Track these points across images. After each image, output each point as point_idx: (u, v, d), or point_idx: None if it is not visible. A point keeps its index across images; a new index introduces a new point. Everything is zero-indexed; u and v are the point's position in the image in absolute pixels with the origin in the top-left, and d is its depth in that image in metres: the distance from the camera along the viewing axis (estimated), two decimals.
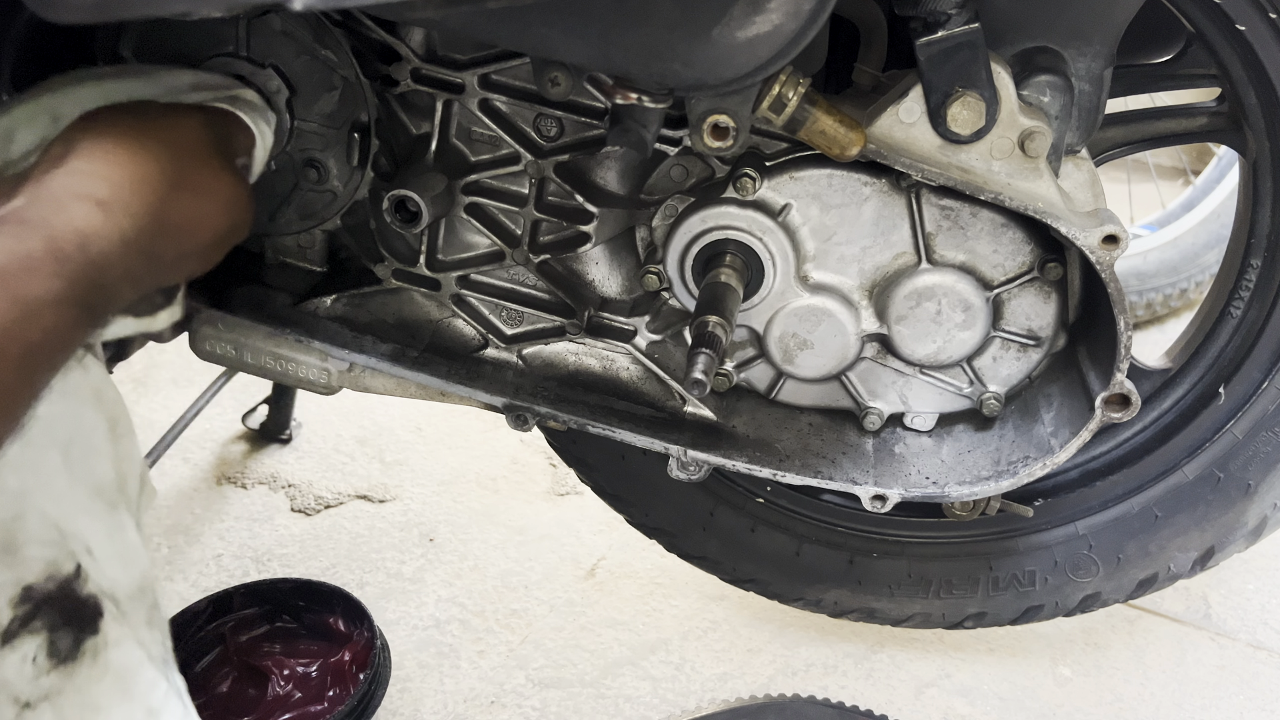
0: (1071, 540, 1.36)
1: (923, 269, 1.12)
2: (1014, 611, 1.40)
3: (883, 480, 1.18)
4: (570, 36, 0.89)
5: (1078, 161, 1.09)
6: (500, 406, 1.19)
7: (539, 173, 1.12)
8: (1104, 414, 1.10)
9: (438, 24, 1.01)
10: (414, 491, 1.86)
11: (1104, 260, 1.03)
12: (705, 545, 1.43)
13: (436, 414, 2.04)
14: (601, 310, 1.20)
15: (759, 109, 0.99)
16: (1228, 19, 1.06)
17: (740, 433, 1.20)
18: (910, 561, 1.40)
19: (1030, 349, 1.17)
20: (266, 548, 1.72)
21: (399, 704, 1.46)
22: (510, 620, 1.59)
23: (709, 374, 0.99)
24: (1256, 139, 1.17)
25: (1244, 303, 1.24)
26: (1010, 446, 1.18)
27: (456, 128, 1.13)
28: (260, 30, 1.11)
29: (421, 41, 1.09)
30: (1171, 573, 1.35)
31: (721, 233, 1.10)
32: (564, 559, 1.71)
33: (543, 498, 1.86)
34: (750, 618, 1.60)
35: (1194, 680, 1.51)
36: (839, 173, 1.08)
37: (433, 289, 1.19)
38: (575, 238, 1.14)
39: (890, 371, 1.20)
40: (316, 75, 1.12)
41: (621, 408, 1.21)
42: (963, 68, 0.98)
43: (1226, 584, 1.68)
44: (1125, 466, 1.33)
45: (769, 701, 1.34)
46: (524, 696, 1.47)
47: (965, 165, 1.03)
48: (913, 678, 1.51)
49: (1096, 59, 1.05)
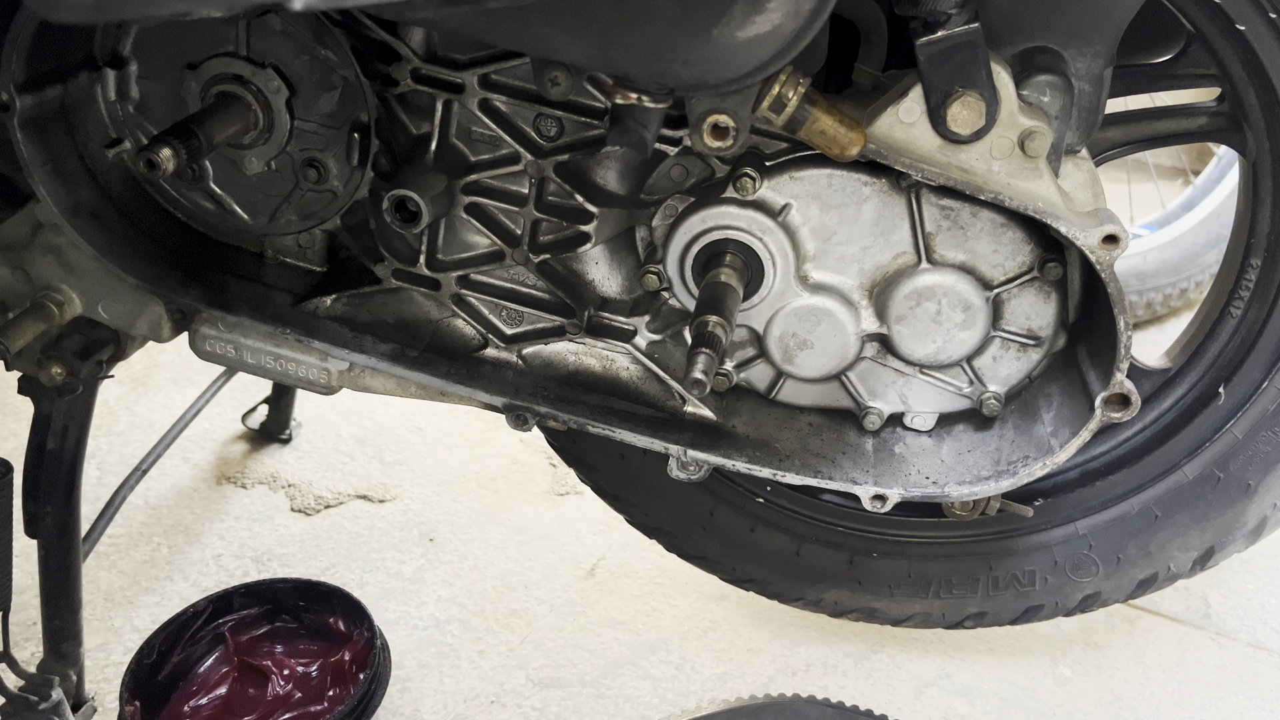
0: (1071, 540, 1.36)
1: (923, 269, 1.12)
2: (1014, 611, 1.40)
3: (883, 480, 1.18)
4: (570, 36, 0.89)
5: (1078, 161, 1.09)
6: (500, 406, 1.20)
7: (539, 173, 1.12)
8: (1104, 414, 1.10)
9: (438, 24, 1.01)
10: (414, 491, 1.86)
11: (1104, 260, 1.03)
12: (705, 545, 1.43)
13: (436, 414, 2.04)
14: (601, 310, 1.20)
15: (759, 109, 0.99)
16: (1228, 19, 1.06)
17: (740, 433, 1.20)
18: (910, 561, 1.40)
19: (1030, 349, 1.17)
20: (266, 548, 1.72)
21: (399, 704, 1.46)
22: (510, 620, 1.59)
23: (709, 374, 0.99)
24: (1256, 139, 1.17)
25: (1244, 303, 1.24)
26: (1010, 446, 1.18)
27: (456, 128, 1.13)
28: (260, 30, 1.11)
29: (421, 41, 1.09)
30: (1171, 573, 1.35)
31: (721, 232, 1.10)
32: (564, 559, 1.71)
33: (543, 498, 1.86)
34: (750, 618, 1.60)
35: (1194, 680, 1.52)
36: (839, 173, 1.08)
37: (433, 289, 1.19)
38: (575, 238, 1.14)
39: (890, 371, 1.20)
40: (316, 75, 1.12)
41: (621, 408, 1.21)
42: (963, 68, 0.98)
43: (1226, 584, 1.68)
44: (1125, 466, 1.33)
45: (769, 701, 1.34)
46: (524, 696, 1.47)
47: (965, 165, 1.03)
48: (913, 678, 1.51)
49: (1096, 59, 1.05)
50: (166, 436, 1.79)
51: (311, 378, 1.23)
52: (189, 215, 1.24)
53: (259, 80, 1.12)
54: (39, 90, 1.10)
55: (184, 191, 1.22)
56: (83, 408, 1.34)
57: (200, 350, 1.23)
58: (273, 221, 1.21)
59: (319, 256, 1.24)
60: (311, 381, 1.23)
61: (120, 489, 1.66)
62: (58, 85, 1.12)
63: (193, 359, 1.23)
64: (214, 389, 1.88)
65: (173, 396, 2.06)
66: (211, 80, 1.12)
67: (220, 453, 1.93)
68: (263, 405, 1.97)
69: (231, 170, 1.18)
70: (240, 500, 1.82)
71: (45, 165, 1.13)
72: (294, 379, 1.23)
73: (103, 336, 1.27)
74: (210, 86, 1.13)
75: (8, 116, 1.08)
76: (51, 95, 1.12)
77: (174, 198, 1.23)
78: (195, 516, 1.78)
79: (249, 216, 1.21)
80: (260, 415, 1.97)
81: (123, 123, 1.18)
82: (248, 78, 1.12)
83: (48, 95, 1.12)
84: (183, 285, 1.20)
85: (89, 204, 1.18)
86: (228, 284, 1.22)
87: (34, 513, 1.34)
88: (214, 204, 1.21)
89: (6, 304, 1.24)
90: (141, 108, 1.17)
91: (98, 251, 1.17)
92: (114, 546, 1.70)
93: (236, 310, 1.19)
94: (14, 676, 1.32)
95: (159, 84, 1.16)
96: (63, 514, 1.35)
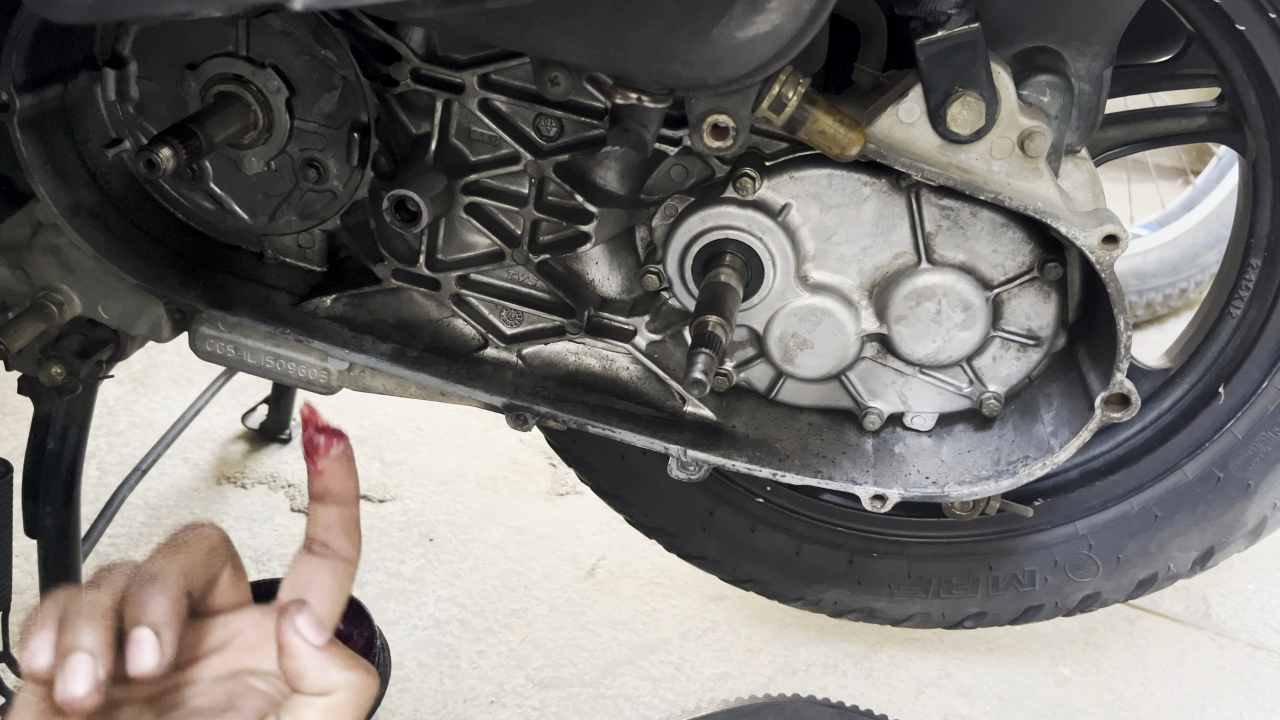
0: (1071, 540, 1.36)
1: (922, 269, 1.12)
2: (1014, 611, 1.40)
3: (882, 480, 1.18)
4: (570, 36, 0.89)
5: (1078, 161, 1.09)
6: (500, 406, 1.19)
7: (539, 173, 1.12)
8: (1104, 414, 1.10)
9: (438, 24, 1.01)
10: (414, 491, 1.86)
11: (1104, 260, 1.03)
12: (705, 545, 1.43)
13: (436, 414, 2.04)
14: (601, 310, 1.20)
15: (759, 109, 0.99)
16: (1228, 19, 1.06)
17: (740, 433, 1.20)
18: (910, 561, 1.40)
19: (1030, 349, 1.17)
20: (266, 548, 1.72)
21: (399, 704, 1.46)
22: (510, 620, 1.59)
23: (709, 374, 0.99)
24: (1256, 139, 1.17)
25: (1244, 303, 1.24)
26: (1010, 446, 1.18)
27: (456, 128, 1.13)
28: (260, 30, 1.11)
29: (421, 41, 1.08)
30: (1171, 572, 1.35)
31: (721, 232, 1.10)
32: (564, 559, 1.71)
33: (543, 498, 1.86)
34: (750, 618, 1.60)
35: (1194, 680, 1.52)
36: (839, 173, 1.08)
37: (432, 289, 1.19)
38: (575, 238, 1.14)
39: (890, 371, 1.20)
40: (316, 75, 1.12)
41: (621, 407, 1.21)
42: (963, 68, 0.98)
43: (1226, 584, 1.68)
44: (1125, 466, 1.33)
45: (769, 701, 1.34)
46: (524, 696, 1.47)
47: (965, 165, 1.03)
48: (913, 678, 1.51)
49: (1096, 59, 1.05)
50: (166, 436, 1.79)
51: (311, 378, 1.23)
52: (189, 215, 1.24)
53: (259, 80, 1.12)
54: (39, 90, 1.10)
55: (184, 191, 1.22)
56: (83, 408, 1.34)
57: (200, 350, 1.23)
58: (273, 221, 1.21)
59: (319, 256, 1.24)
60: (311, 381, 1.23)
61: (120, 489, 1.66)
62: (58, 85, 1.12)
63: (193, 359, 1.23)
64: (214, 389, 1.88)
65: (173, 396, 2.06)
66: (211, 80, 1.12)
67: (220, 453, 1.93)
68: (263, 405, 1.97)
69: (231, 170, 1.18)
70: (240, 500, 1.82)
71: (45, 165, 1.13)
72: (294, 379, 1.23)
73: (103, 336, 1.27)
74: (210, 86, 1.13)
75: (8, 116, 1.08)
76: (51, 95, 1.12)
77: (174, 198, 1.23)
78: (195, 516, 1.78)
79: (249, 216, 1.21)
80: (260, 415, 1.97)
81: (123, 123, 1.18)
82: (248, 78, 1.12)
83: (48, 95, 1.12)
84: (183, 285, 1.20)
85: (89, 204, 1.18)
86: (228, 284, 1.22)
87: (34, 513, 1.34)
88: (214, 204, 1.21)
89: (6, 304, 1.24)
90: (141, 108, 1.17)
91: (98, 251, 1.17)
92: (114, 546, 1.70)
93: (236, 310, 1.19)
94: (14, 676, 1.32)
95: (159, 84, 1.16)
96: (63, 514, 1.35)
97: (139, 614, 0.65)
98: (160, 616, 0.65)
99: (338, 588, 0.77)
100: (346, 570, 0.78)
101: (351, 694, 0.70)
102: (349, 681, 0.70)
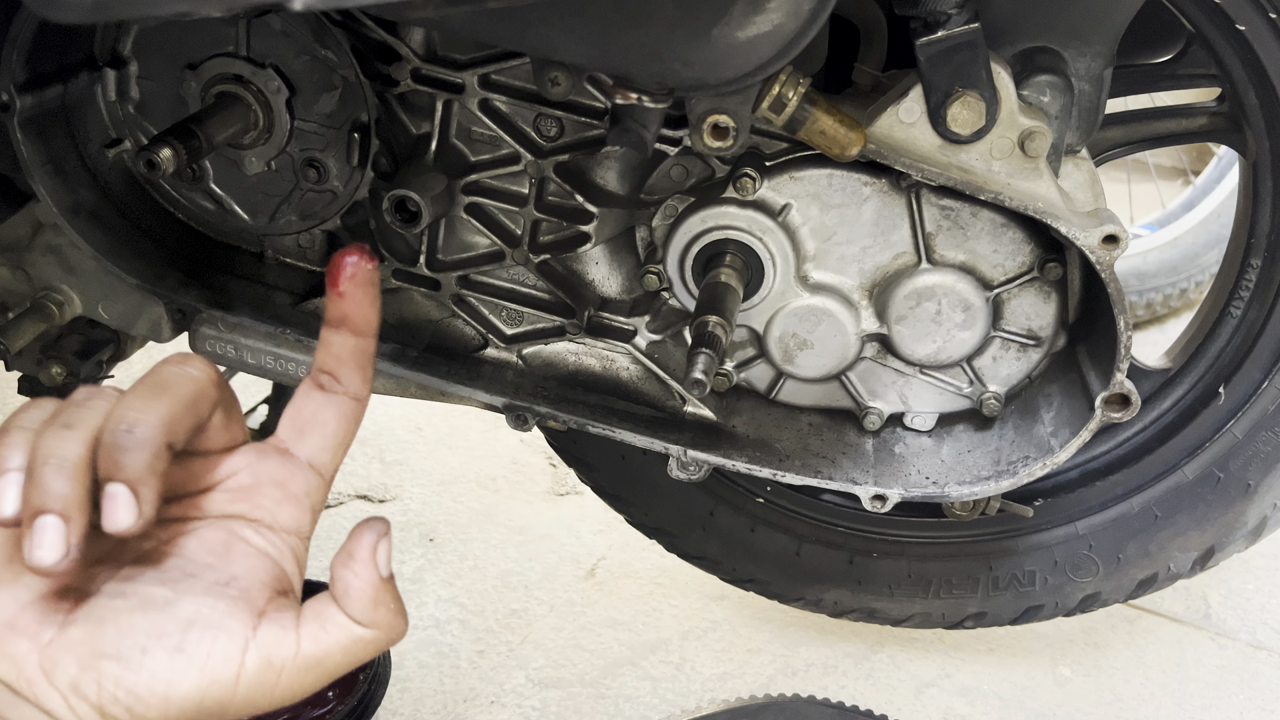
0: (1071, 540, 1.36)
1: (923, 269, 1.12)
2: (1014, 611, 1.40)
3: (883, 480, 1.18)
4: (570, 36, 0.89)
5: (1078, 161, 1.09)
6: (500, 406, 1.19)
7: (539, 173, 1.12)
8: (1104, 414, 1.10)
9: (438, 24, 1.01)
10: (414, 491, 1.86)
11: (1104, 260, 1.03)
12: (705, 545, 1.43)
13: (436, 414, 2.04)
14: (601, 310, 1.20)
15: (759, 109, 0.99)
16: (1228, 19, 1.06)
17: (740, 433, 1.20)
18: (910, 561, 1.40)
19: (1030, 349, 1.17)
20: None
21: (399, 704, 1.46)
22: (510, 620, 1.59)
23: (709, 374, 0.99)
24: (1256, 139, 1.17)
25: (1244, 303, 1.24)
26: (1010, 446, 1.18)
27: (456, 128, 1.13)
28: (260, 30, 1.11)
29: (421, 41, 1.09)
30: (1171, 573, 1.35)
31: (721, 233, 1.10)
32: (564, 559, 1.71)
33: (543, 498, 1.86)
34: (750, 618, 1.60)
35: (1194, 680, 1.52)
36: (839, 173, 1.08)
37: (433, 289, 1.19)
38: (575, 238, 1.14)
39: (890, 371, 1.20)
40: (316, 75, 1.12)
41: (621, 408, 1.21)
42: (963, 68, 0.98)
43: (1226, 584, 1.68)
44: (1125, 466, 1.33)
45: (769, 701, 1.34)
46: (524, 696, 1.47)
47: (965, 165, 1.03)
48: (913, 678, 1.51)
49: (1096, 59, 1.05)
50: None
51: None
52: (189, 215, 1.24)
53: (259, 80, 1.12)
54: (39, 90, 1.10)
55: (184, 191, 1.22)
56: None
57: (200, 350, 1.23)
58: (273, 221, 1.21)
59: (319, 257, 1.24)
60: None
61: None
62: (58, 85, 1.13)
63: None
64: None
65: None
66: (211, 80, 1.12)
67: None
68: (263, 405, 1.96)
69: (231, 170, 1.18)
70: None
71: (45, 165, 1.13)
72: (294, 379, 1.23)
73: (103, 336, 1.27)
74: (210, 86, 1.13)
75: (8, 116, 1.09)
76: (51, 95, 1.12)
77: (174, 198, 1.23)
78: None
79: (249, 217, 1.21)
80: (260, 415, 1.97)
81: (123, 123, 1.18)
82: (248, 78, 1.12)
83: (48, 95, 1.12)
84: (183, 285, 1.20)
85: (89, 204, 1.18)
86: (228, 284, 1.22)
87: None
88: (214, 204, 1.21)
89: (6, 304, 1.24)
90: (141, 108, 1.17)
91: (98, 251, 1.17)
92: None
93: (236, 310, 1.19)
94: None
95: (159, 84, 1.16)
96: None
97: (115, 468, 0.59)
98: (138, 471, 0.59)
99: (344, 429, 0.71)
100: (355, 410, 0.71)
101: (381, 639, 0.66)
102: (390, 627, 0.66)
